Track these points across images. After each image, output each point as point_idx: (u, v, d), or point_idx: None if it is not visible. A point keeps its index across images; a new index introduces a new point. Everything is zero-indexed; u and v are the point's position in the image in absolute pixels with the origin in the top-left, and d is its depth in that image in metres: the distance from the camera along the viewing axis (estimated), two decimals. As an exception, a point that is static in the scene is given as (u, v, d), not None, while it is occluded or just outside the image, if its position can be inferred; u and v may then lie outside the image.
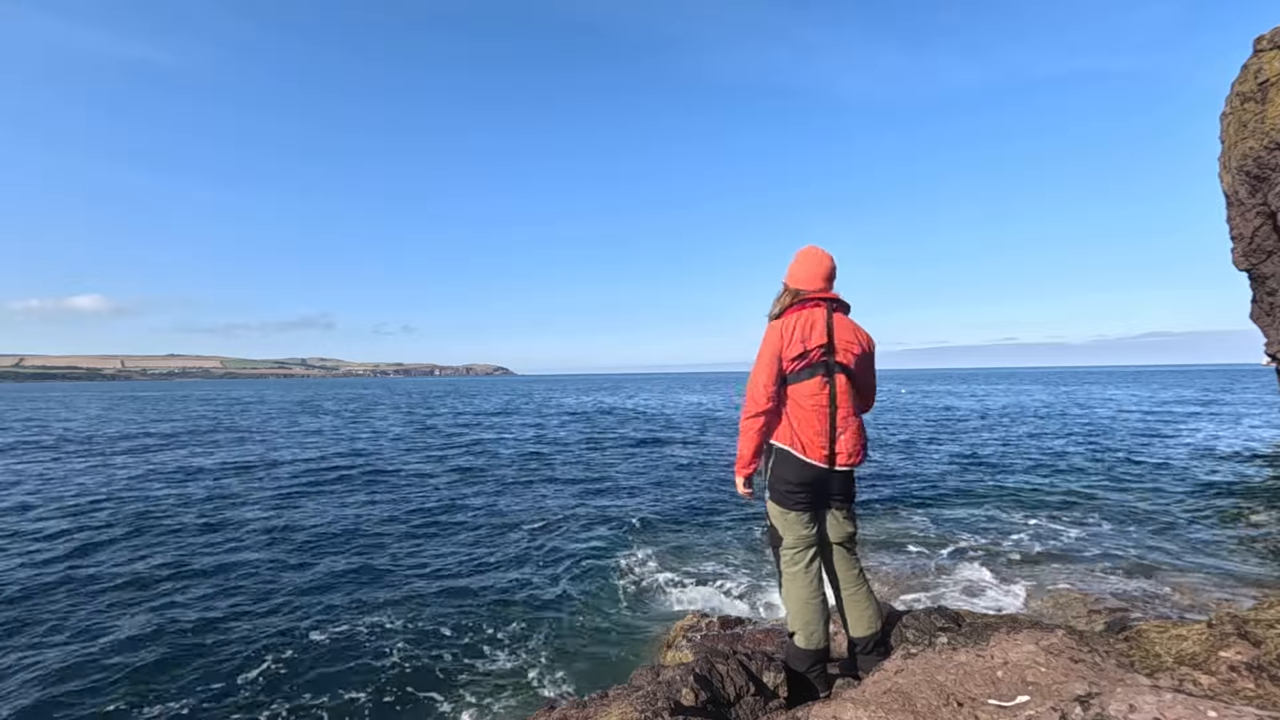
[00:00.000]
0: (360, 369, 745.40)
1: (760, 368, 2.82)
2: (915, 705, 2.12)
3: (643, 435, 22.33)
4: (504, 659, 5.08)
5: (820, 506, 2.89)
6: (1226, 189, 12.15)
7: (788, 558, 2.89)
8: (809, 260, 2.99)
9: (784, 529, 2.88)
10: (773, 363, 2.80)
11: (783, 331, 2.81)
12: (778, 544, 2.92)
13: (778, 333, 2.83)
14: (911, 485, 11.68)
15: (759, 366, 2.83)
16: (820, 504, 2.88)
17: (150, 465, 15.48)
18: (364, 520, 9.58)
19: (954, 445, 17.72)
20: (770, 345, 2.83)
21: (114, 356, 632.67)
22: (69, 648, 5.25)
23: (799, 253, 3.05)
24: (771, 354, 2.81)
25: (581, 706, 2.86)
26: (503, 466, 15.13)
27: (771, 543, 2.97)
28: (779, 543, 2.91)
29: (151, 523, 9.40)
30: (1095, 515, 9.17)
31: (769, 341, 2.84)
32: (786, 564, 2.89)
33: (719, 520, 9.34)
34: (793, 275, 3.01)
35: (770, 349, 2.82)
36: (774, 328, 2.86)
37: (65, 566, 7.35)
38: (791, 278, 3.01)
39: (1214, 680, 2.00)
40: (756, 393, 2.82)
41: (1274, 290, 11.85)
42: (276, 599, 6.34)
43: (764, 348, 2.85)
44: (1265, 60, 10.70)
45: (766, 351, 2.82)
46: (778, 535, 2.91)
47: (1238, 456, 14.77)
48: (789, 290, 2.99)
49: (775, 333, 2.84)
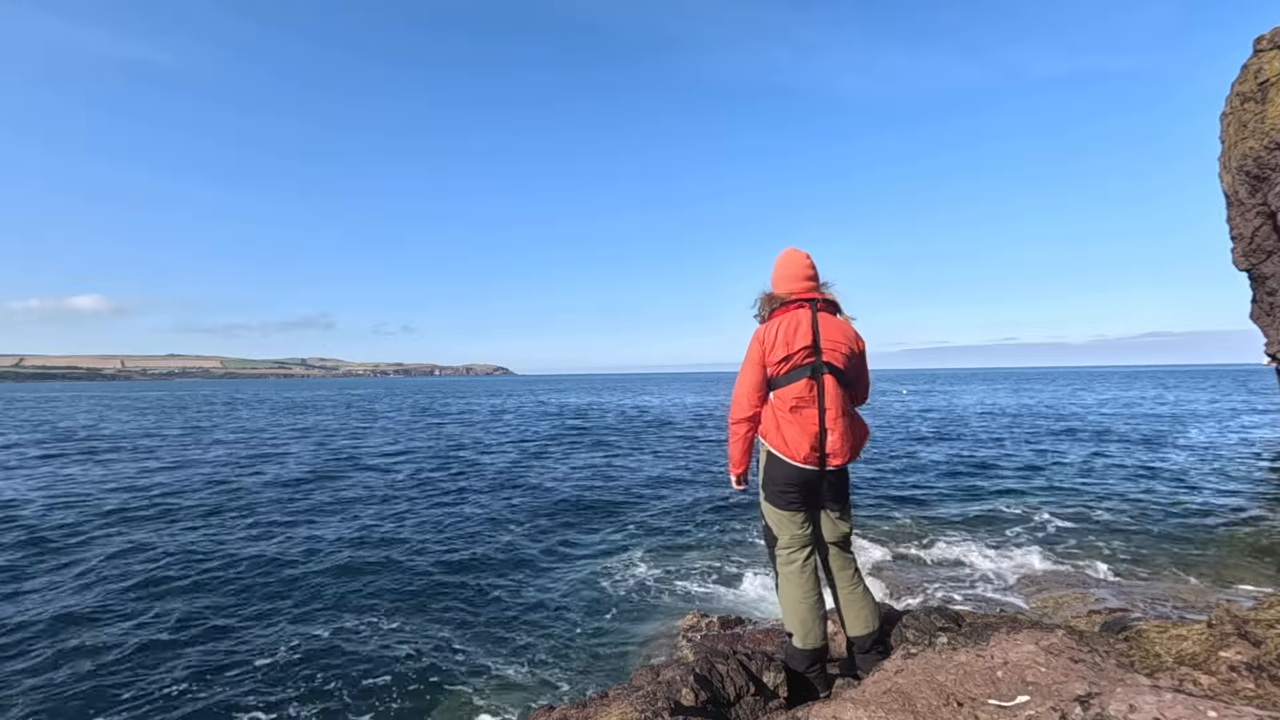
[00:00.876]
0: (360, 369, 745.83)
1: (744, 375, 2.88)
2: (915, 705, 2.12)
3: (642, 435, 22.33)
4: (504, 660, 5.08)
5: (814, 506, 2.89)
6: (1226, 189, 12.15)
7: (783, 557, 2.89)
8: (788, 263, 2.99)
9: (778, 528, 2.88)
10: (756, 369, 2.86)
11: (764, 337, 2.85)
12: (772, 544, 2.93)
13: (759, 339, 2.87)
14: (911, 485, 11.68)
15: (742, 374, 2.89)
16: (814, 504, 2.88)
17: (157, 464, 15.50)
18: (363, 520, 9.58)
19: (953, 445, 17.71)
20: (752, 352, 2.88)
21: (114, 356, 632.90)
22: (68, 649, 5.25)
23: (778, 258, 3.05)
24: (754, 361, 2.86)
25: (581, 706, 2.86)
26: (502, 466, 15.12)
27: (767, 542, 2.98)
28: (774, 542, 2.92)
29: (177, 517, 9.41)
30: (1095, 515, 9.17)
31: (751, 349, 2.90)
32: (782, 563, 2.89)
33: (718, 520, 9.34)
34: (774, 280, 3.03)
35: (753, 356, 2.88)
36: (756, 335, 2.91)
37: (65, 566, 7.36)
38: (773, 283, 3.03)
39: (1214, 680, 2.00)
40: (740, 399, 2.88)
41: (1274, 290, 11.85)
42: (276, 599, 6.34)
43: (747, 355, 2.90)
44: (1265, 60, 10.69)
45: (749, 359, 2.88)
46: (772, 535, 2.92)
47: (1238, 457, 14.77)
48: (773, 296, 2.99)
49: (757, 339, 2.88)
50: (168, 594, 6.49)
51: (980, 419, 26.57)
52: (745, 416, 2.86)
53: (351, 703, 4.46)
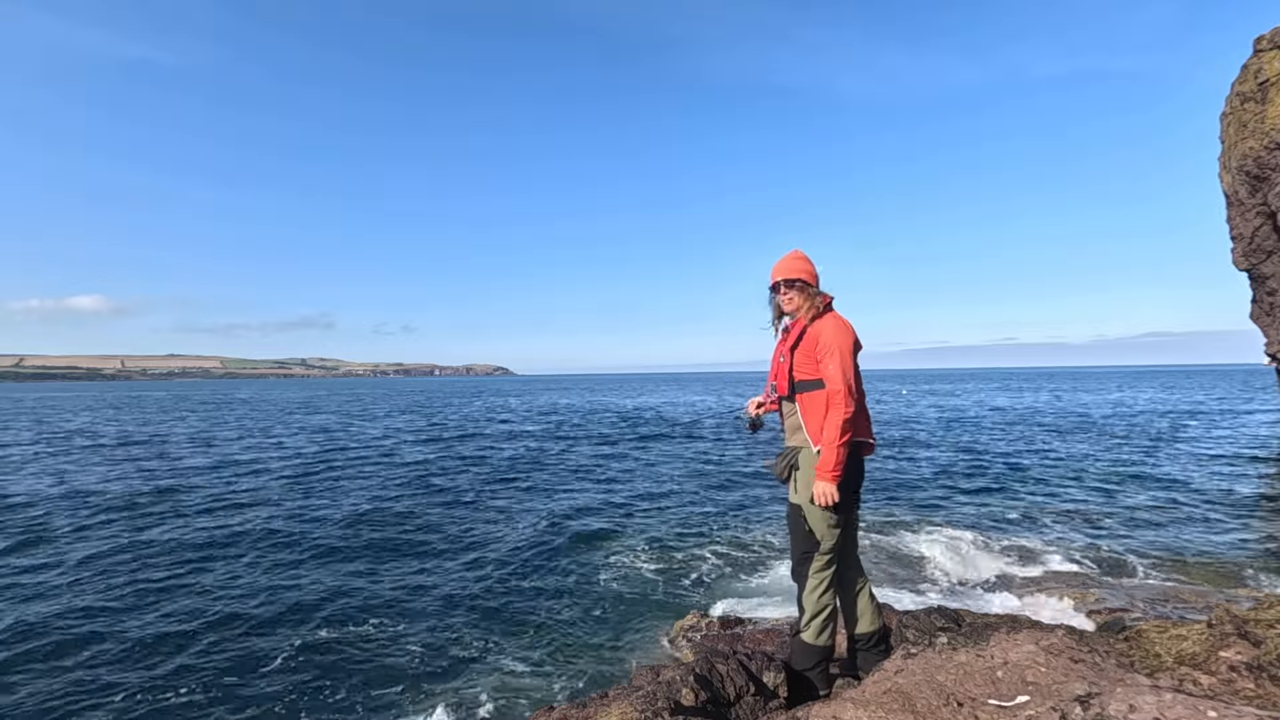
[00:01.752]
0: (360, 369, 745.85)
1: (849, 364, 2.72)
2: (915, 705, 2.12)
3: (642, 436, 22.33)
4: (504, 660, 5.08)
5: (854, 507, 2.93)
6: (1226, 189, 12.15)
7: (821, 563, 2.83)
8: (810, 262, 2.97)
9: (825, 535, 2.80)
10: (855, 357, 2.79)
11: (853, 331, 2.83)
12: (814, 549, 2.83)
13: (853, 332, 2.81)
14: (911, 485, 11.68)
15: (848, 363, 2.72)
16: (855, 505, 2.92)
17: (167, 463, 15.50)
18: (364, 522, 9.58)
19: (953, 445, 17.71)
20: (849, 342, 2.76)
21: (114, 356, 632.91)
22: (64, 651, 5.25)
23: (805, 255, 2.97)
24: (853, 349, 2.77)
25: (581, 706, 2.87)
26: (502, 466, 15.12)
27: (805, 548, 2.86)
28: (815, 548, 2.82)
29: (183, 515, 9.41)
30: (1095, 515, 9.17)
31: (848, 336, 2.77)
32: (819, 569, 2.83)
33: (718, 521, 9.34)
34: (816, 276, 2.93)
35: (851, 343, 2.77)
36: (847, 326, 2.82)
37: (68, 567, 7.36)
38: (816, 279, 2.93)
39: (1214, 680, 2.00)
40: (852, 390, 2.69)
41: (1274, 290, 11.85)
42: (277, 599, 6.34)
43: (844, 342, 2.74)
44: (1265, 60, 10.70)
45: (848, 349, 2.74)
46: (814, 541, 2.81)
47: (1237, 457, 14.77)
48: (820, 292, 2.91)
49: (849, 327, 2.81)
50: (167, 593, 6.49)
51: (979, 419, 26.57)
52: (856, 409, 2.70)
53: (351, 702, 4.46)
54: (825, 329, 2.75)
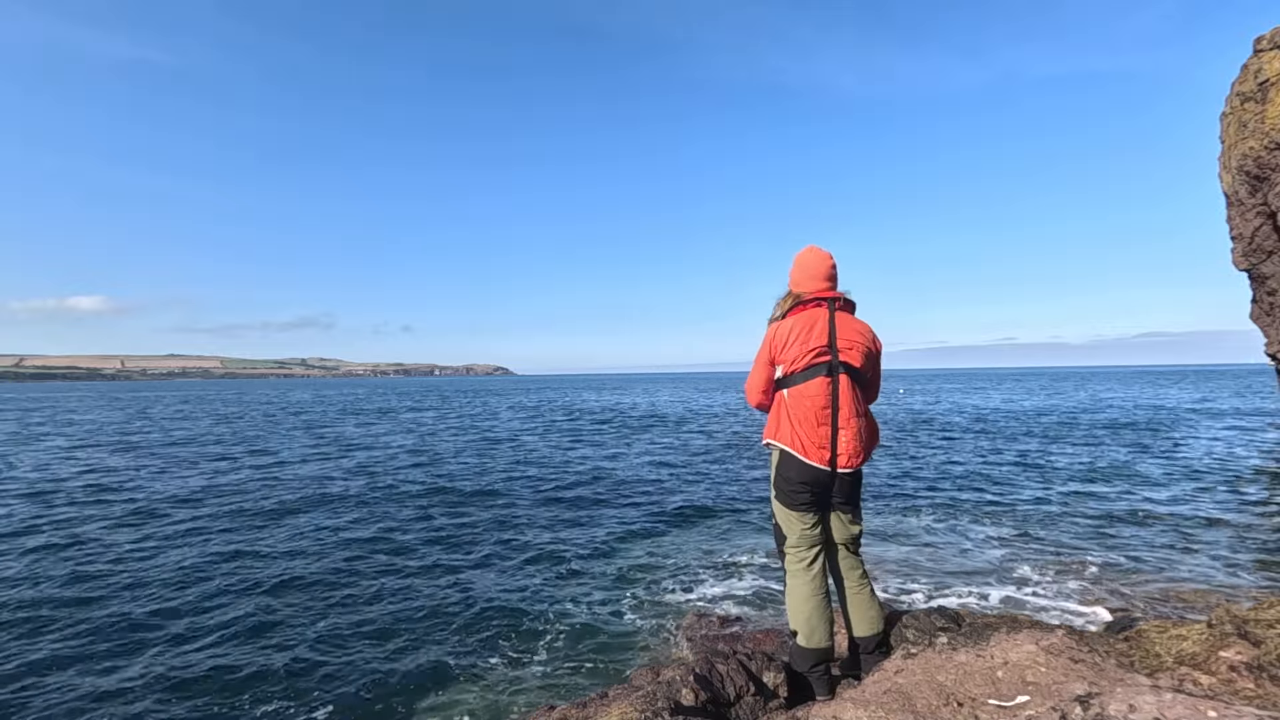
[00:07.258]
0: (360, 369, 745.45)
1: (754, 371, 2.97)
2: (915, 705, 2.12)
3: (642, 436, 22.33)
4: (503, 660, 5.08)
5: (825, 508, 2.90)
6: (1226, 189, 12.15)
7: (791, 556, 2.90)
8: (809, 261, 3.00)
9: (788, 527, 2.90)
10: (765, 366, 2.93)
11: (777, 335, 2.89)
12: (781, 541, 2.95)
13: (769, 338, 2.92)
14: (911, 485, 11.68)
15: (753, 370, 2.98)
16: (824, 505, 2.88)
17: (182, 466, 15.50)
18: (364, 522, 9.59)
19: (953, 445, 17.71)
20: (764, 349, 2.94)
21: (114, 356, 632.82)
22: (63, 654, 5.26)
23: (799, 255, 3.06)
24: (764, 358, 2.93)
25: (581, 706, 2.87)
26: (502, 466, 15.12)
27: (776, 540, 3.01)
28: (783, 540, 2.94)
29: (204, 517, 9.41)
30: (1094, 514, 9.17)
31: (763, 345, 2.95)
32: (790, 562, 2.90)
33: (718, 520, 9.34)
34: (794, 278, 3.05)
35: (764, 353, 2.94)
36: (770, 331, 2.94)
37: (69, 568, 7.36)
38: (793, 281, 3.05)
39: (1214, 680, 2.00)
40: (750, 395, 3.03)
41: (1274, 290, 11.85)
42: (278, 597, 6.34)
43: (759, 352, 2.96)
44: (1265, 60, 10.70)
45: (760, 355, 2.95)
46: (781, 533, 2.94)
47: (1237, 457, 14.77)
48: (790, 294, 3.02)
49: (767, 339, 2.94)
50: (170, 594, 6.50)
51: (979, 419, 26.56)
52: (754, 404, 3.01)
53: (351, 703, 4.46)
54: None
